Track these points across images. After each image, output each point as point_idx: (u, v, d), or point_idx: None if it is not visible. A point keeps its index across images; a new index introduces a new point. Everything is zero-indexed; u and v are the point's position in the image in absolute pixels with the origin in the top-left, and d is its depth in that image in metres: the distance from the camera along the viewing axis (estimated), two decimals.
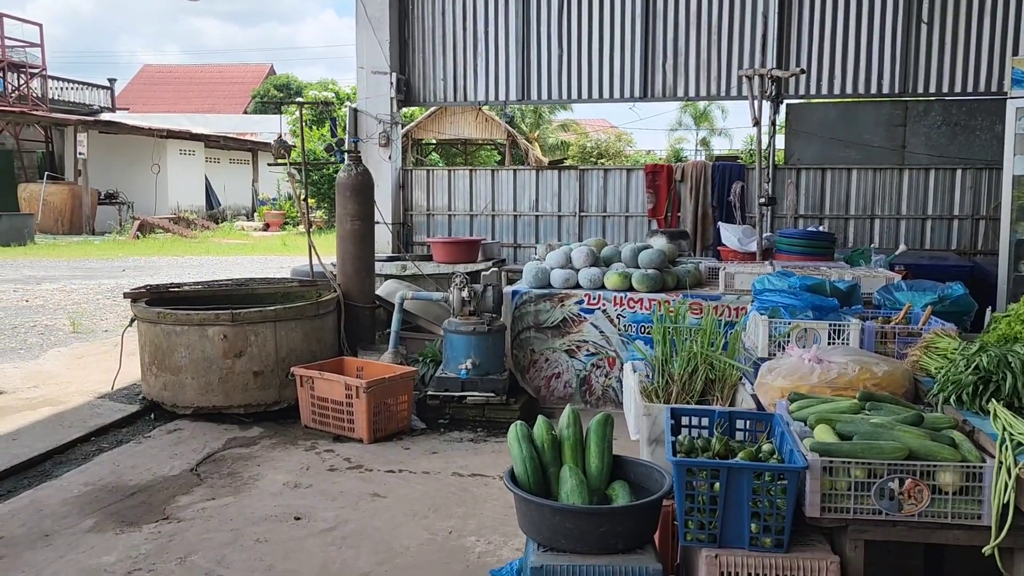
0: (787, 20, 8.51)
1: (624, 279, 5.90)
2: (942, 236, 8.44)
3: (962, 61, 8.21)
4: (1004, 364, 2.75)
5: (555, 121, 33.05)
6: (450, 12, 9.14)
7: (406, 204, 9.49)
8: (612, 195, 9.13)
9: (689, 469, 2.45)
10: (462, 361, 5.57)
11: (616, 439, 3.04)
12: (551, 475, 2.82)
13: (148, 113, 32.37)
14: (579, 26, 8.92)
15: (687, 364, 3.63)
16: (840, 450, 2.46)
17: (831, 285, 4.07)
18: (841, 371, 3.12)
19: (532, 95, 9.13)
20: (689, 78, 8.78)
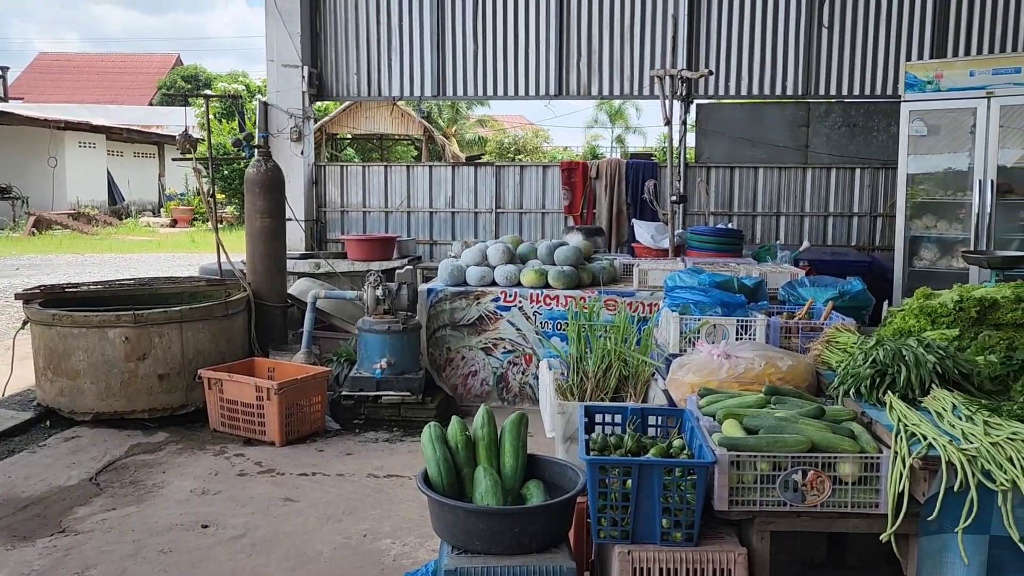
0: (696, 23, 8.70)
1: (540, 276, 5.92)
2: (843, 232, 8.79)
3: (860, 65, 8.55)
4: (899, 357, 2.86)
5: (472, 117, 32.97)
6: (363, 5, 8.99)
7: (320, 201, 9.30)
8: (528, 192, 9.16)
9: (602, 467, 2.47)
10: (377, 360, 5.49)
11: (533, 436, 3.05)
12: (465, 476, 2.80)
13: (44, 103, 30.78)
14: (494, 22, 8.91)
15: (601, 361, 3.67)
16: (747, 444, 2.52)
17: (739, 282, 4.18)
18: (748, 366, 3.21)
19: (447, 91, 9.07)
20: (603, 77, 8.88)
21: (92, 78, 41.52)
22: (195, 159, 6.78)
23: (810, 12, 8.56)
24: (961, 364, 2.84)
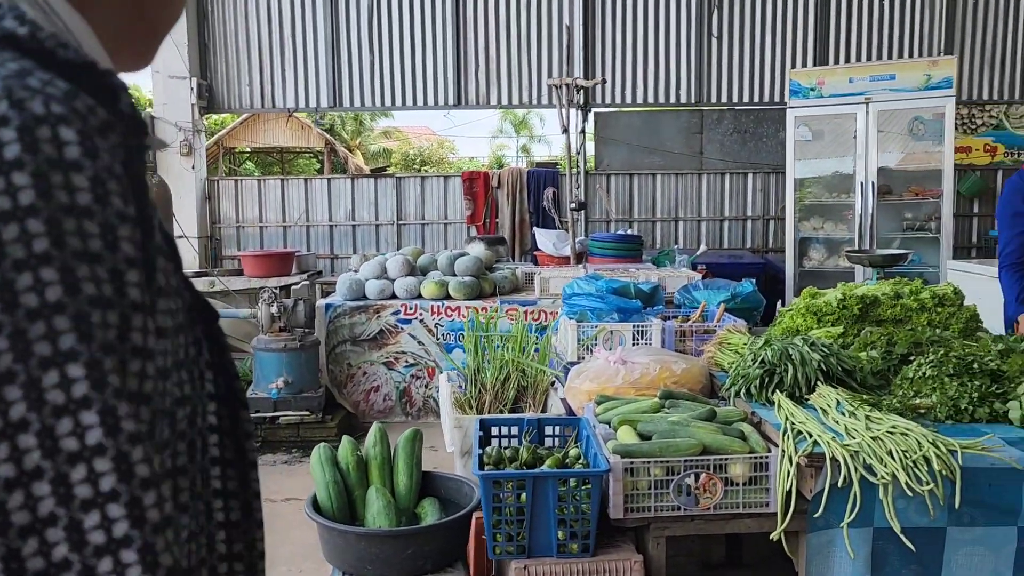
0: (591, 32, 8.81)
1: (441, 287, 5.85)
2: (738, 236, 9.03)
3: (748, 73, 8.83)
4: (785, 357, 2.92)
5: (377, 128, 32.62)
6: (254, 14, 8.74)
7: (213, 216, 8.97)
8: (430, 203, 9.07)
9: (495, 481, 2.42)
10: (273, 380, 5.30)
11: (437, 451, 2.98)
12: (357, 498, 2.71)
13: None
14: (390, 32, 8.80)
15: (499, 372, 3.62)
16: (640, 450, 2.51)
17: (635, 287, 4.21)
18: (643, 371, 3.22)
19: (344, 102, 8.89)
20: (501, 86, 8.89)
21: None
22: None
23: (700, 22, 8.79)
24: (844, 361, 2.91)
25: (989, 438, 2.38)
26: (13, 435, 0.45)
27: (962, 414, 2.63)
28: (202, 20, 8.71)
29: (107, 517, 0.46)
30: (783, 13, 8.73)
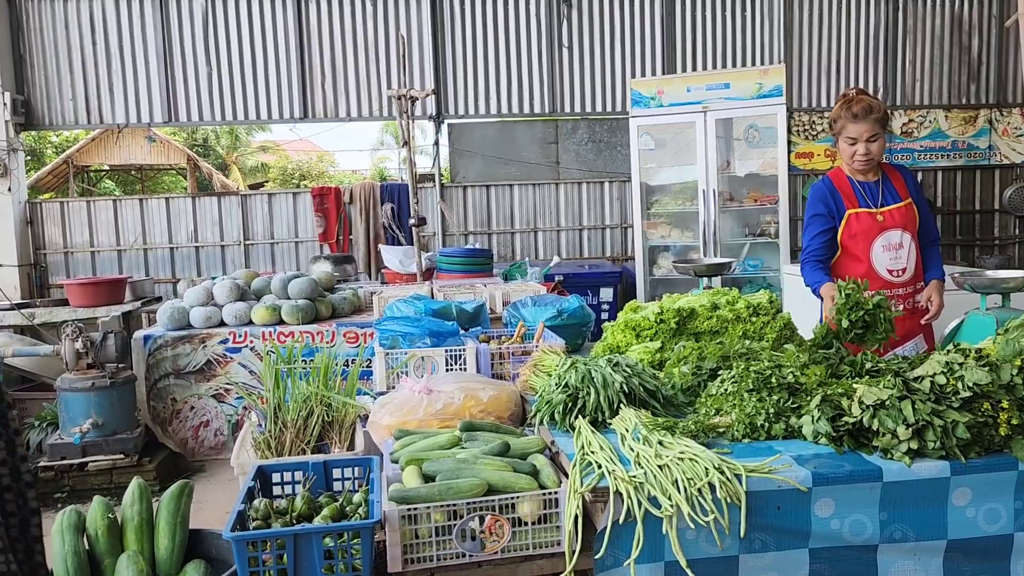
0: (441, 42, 8.64)
1: (273, 312, 5.50)
2: (597, 244, 9.03)
3: (600, 83, 8.86)
4: (588, 380, 2.77)
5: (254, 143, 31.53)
6: (75, 24, 8.12)
7: (37, 242, 8.26)
8: (279, 220, 8.66)
9: (251, 543, 2.15)
10: (80, 422, 4.82)
11: None
12: (106, 568, 2.37)
13: None
14: (228, 42, 8.35)
15: (302, 407, 3.34)
16: (418, 495, 2.29)
17: (457, 307, 4.01)
18: (448, 400, 3.01)
19: (180, 116, 8.38)
20: (350, 98, 8.59)
21: None
22: None
23: (551, 32, 8.76)
24: (647, 381, 2.78)
25: (777, 458, 2.29)
26: None
27: (759, 431, 2.54)
28: (16, 30, 8.02)
29: None
30: (630, 23, 8.81)
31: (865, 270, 3.52)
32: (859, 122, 3.42)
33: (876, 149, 3.48)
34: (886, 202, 3.52)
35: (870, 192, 3.54)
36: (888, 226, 3.49)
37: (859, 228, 3.51)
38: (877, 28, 8.90)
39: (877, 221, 3.49)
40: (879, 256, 3.52)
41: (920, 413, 2.25)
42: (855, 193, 3.52)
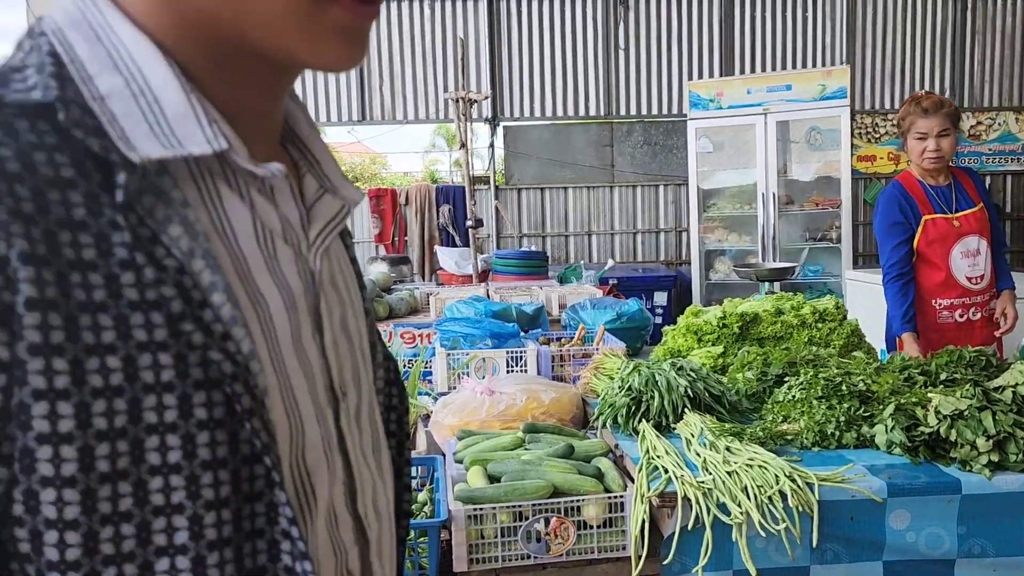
0: (497, 45, 8.67)
1: None
2: (651, 248, 8.97)
3: (656, 85, 8.80)
4: (652, 383, 2.75)
5: None
6: None
7: None
8: None
9: None
10: None
11: None
12: None
13: None
14: None
15: None
16: (484, 496, 2.30)
17: (517, 309, 4.02)
18: (510, 402, 3.01)
19: None
20: (407, 101, 8.68)
21: None
22: None
23: (607, 34, 8.73)
24: (712, 386, 2.75)
25: (850, 467, 2.24)
26: None
27: (829, 440, 2.50)
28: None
29: None
30: (687, 24, 8.73)
31: (944, 277, 3.43)
32: (929, 117, 3.34)
33: (947, 146, 3.38)
34: (960, 207, 3.43)
35: (943, 196, 3.45)
36: (965, 232, 3.39)
37: (936, 234, 3.42)
38: (944, 28, 8.67)
39: (954, 227, 3.40)
40: (958, 263, 3.43)
41: (1001, 424, 2.19)
42: (928, 198, 3.43)
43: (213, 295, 0.57)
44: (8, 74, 0.57)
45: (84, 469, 0.53)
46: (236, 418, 0.58)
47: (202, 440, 0.57)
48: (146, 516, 0.55)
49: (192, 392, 0.56)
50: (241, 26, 0.59)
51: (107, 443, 0.54)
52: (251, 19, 0.59)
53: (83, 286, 0.53)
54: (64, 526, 0.53)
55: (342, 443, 0.71)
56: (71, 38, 0.59)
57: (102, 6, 0.60)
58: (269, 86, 0.67)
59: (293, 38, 0.60)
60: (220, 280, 0.58)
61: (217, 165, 0.62)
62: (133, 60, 0.59)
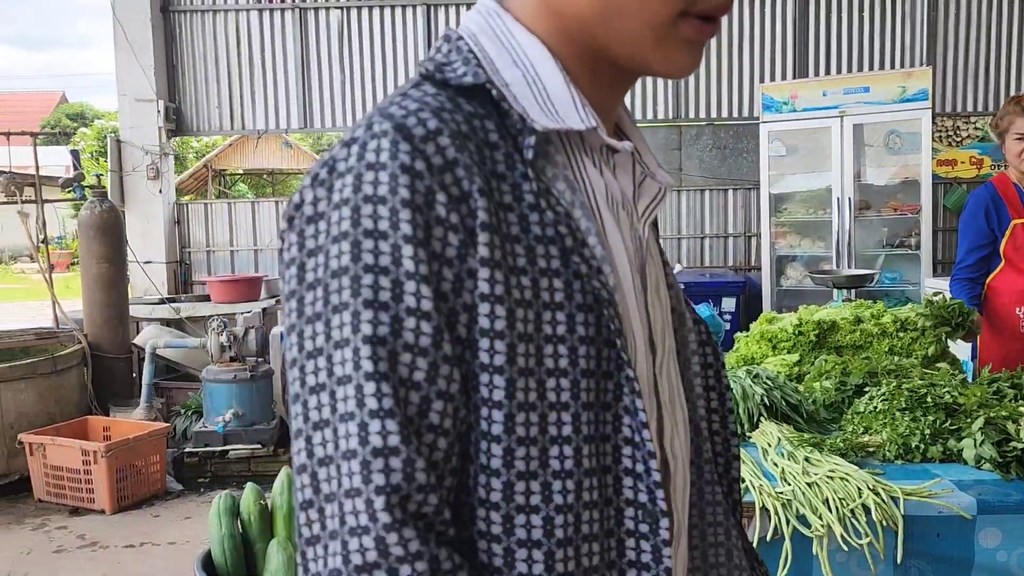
0: None
1: None
2: (719, 253, 8.83)
3: (727, 88, 8.66)
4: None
5: None
6: (222, 35, 8.60)
7: (183, 241, 8.78)
8: None
9: None
10: (223, 412, 5.09)
11: None
12: (258, 552, 2.49)
13: None
14: (360, 52, 8.66)
15: None
16: None
17: None
18: None
19: (315, 123, 8.74)
20: None
21: None
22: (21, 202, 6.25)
23: None
24: (789, 395, 2.70)
25: (937, 482, 2.17)
26: (314, 357, 0.64)
27: (913, 453, 2.42)
28: (170, 42, 8.57)
29: None
30: (759, 25, 8.58)
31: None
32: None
33: None
34: None
35: None
36: None
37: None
38: None
39: None
40: None
41: None
42: (1022, 201, 3.30)
43: (589, 237, 0.71)
44: (442, 66, 0.74)
45: (510, 361, 0.66)
46: (604, 337, 0.71)
47: (581, 352, 0.69)
48: (542, 376, 0.68)
49: (575, 312, 0.69)
50: (608, 38, 0.74)
51: (524, 343, 0.66)
52: (618, 34, 0.73)
53: (506, 221, 0.68)
54: (493, 370, 0.66)
55: (655, 388, 0.81)
56: (482, 41, 0.76)
57: (504, 16, 0.77)
58: (617, 86, 0.82)
59: (649, 50, 0.74)
60: (593, 226, 0.72)
61: (580, 140, 0.77)
62: (527, 57, 0.75)
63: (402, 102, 0.69)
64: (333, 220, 0.65)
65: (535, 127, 0.70)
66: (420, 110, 0.67)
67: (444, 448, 0.64)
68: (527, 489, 0.67)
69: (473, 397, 0.66)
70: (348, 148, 0.67)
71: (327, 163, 0.68)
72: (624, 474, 0.72)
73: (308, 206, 0.67)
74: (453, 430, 0.65)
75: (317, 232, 0.65)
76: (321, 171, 0.68)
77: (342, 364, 0.62)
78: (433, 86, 0.73)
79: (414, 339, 0.62)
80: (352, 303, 0.62)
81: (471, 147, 0.68)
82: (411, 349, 0.62)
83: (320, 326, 0.64)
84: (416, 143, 0.65)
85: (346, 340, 0.62)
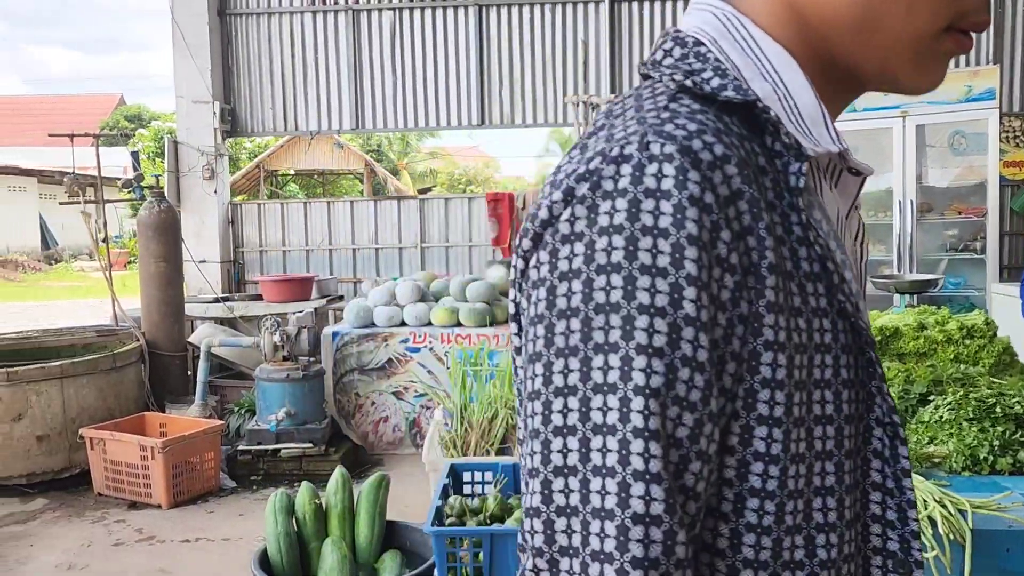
0: (617, 48, 8.60)
1: (451, 314, 5.66)
2: None
3: None
4: None
5: (424, 149, 32.82)
6: (277, 38, 8.73)
7: (237, 241, 8.94)
8: (454, 225, 8.92)
9: (450, 539, 2.20)
10: (275, 411, 5.16)
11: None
12: (312, 551, 2.51)
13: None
14: (412, 54, 8.71)
15: (487, 409, 3.41)
16: None
17: None
18: None
19: (366, 124, 8.82)
20: (526, 105, 8.72)
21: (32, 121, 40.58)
22: (83, 202, 6.42)
23: None
24: None
25: (1007, 495, 2.08)
26: (564, 395, 0.58)
27: (981, 464, 2.33)
28: (226, 45, 8.73)
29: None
30: None
31: None
32: None
33: None
34: None
35: None
36: None
37: None
38: None
39: None
40: None
41: None
42: None
43: (845, 272, 0.66)
44: (691, 75, 0.66)
45: (787, 411, 0.61)
46: (861, 379, 0.67)
47: (845, 397, 0.65)
48: (811, 424, 0.64)
49: (840, 354, 0.65)
50: (859, 49, 0.68)
51: (799, 392, 0.62)
52: (872, 45, 0.67)
53: (783, 257, 0.62)
54: (772, 422, 0.61)
55: None
56: (725, 47, 0.68)
57: (744, 21, 0.69)
58: (845, 99, 0.75)
59: (904, 63, 0.68)
60: (847, 259, 0.67)
61: (815, 160, 0.70)
62: (775, 69, 0.67)
63: (675, 119, 0.61)
64: (600, 247, 0.58)
65: (808, 153, 0.63)
66: (702, 131, 0.60)
67: (693, 513, 0.58)
68: (792, 544, 0.62)
69: (740, 451, 0.60)
70: (616, 166, 0.59)
71: (586, 177, 0.60)
72: (872, 521, 0.69)
73: (564, 223, 0.60)
74: (703, 495, 0.59)
75: (573, 254, 0.59)
76: (579, 186, 0.60)
77: (603, 411, 0.56)
78: (695, 100, 0.65)
79: (685, 392, 0.56)
80: (623, 346, 0.56)
81: (751, 175, 0.61)
82: (680, 403, 0.56)
83: (575, 362, 0.57)
84: (704, 171, 0.58)
85: (612, 386, 0.56)
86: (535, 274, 0.62)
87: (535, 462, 0.59)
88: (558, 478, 0.57)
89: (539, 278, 0.61)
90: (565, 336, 0.58)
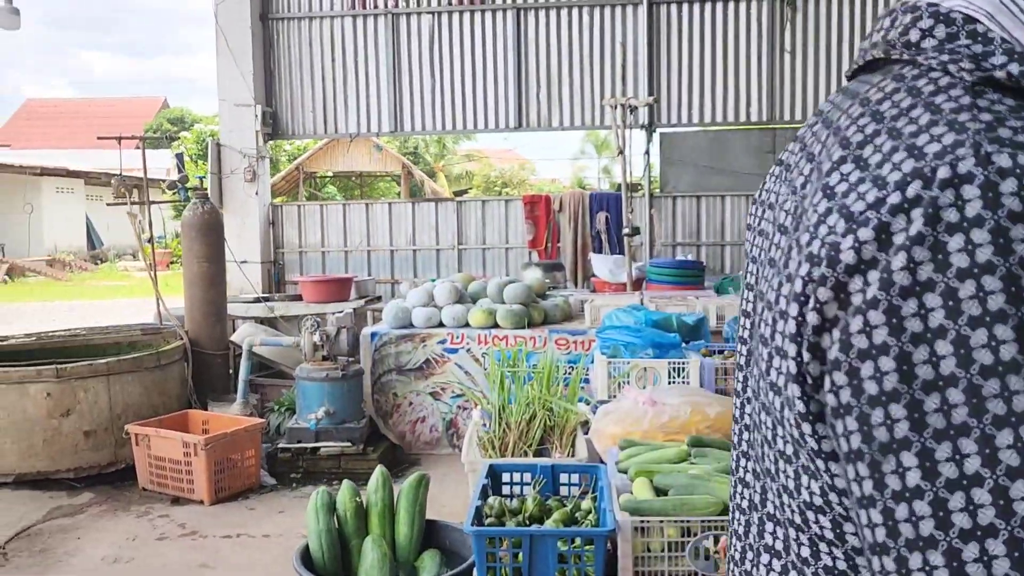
0: (656, 50, 8.57)
1: (488, 316, 5.68)
2: None
3: (824, 89, 8.41)
4: None
5: (460, 151, 32.96)
6: (317, 42, 8.84)
7: (277, 241, 9.06)
8: (491, 227, 8.95)
9: (490, 539, 2.21)
10: (315, 409, 5.22)
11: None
12: (353, 548, 2.54)
13: (29, 149, 30.67)
14: (451, 57, 8.76)
15: (525, 410, 3.41)
16: (651, 508, 2.26)
17: (678, 319, 3.94)
18: (674, 414, 2.95)
19: (405, 126, 8.89)
20: (563, 108, 8.72)
21: (79, 123, 41.53)
22: (130, 203, 6.56)
23: (772, 38, 8.43)
24: None
25: None
26: (946, 439, 0.48)
27: None
28: (267, 48, 8.86)
29: None
30: (860, 24, 8.30)
31: None
32: None
33: None
34: None
35: None
36: None
37: None
38: None
39: None
40: None
41: None
42: None
43: None
44: (978, 61, 0.56)
45: None
46: None
47: None
48: None
49: None
50: None
51: None
52: None
53: None
54: None
55: None
56: (1006, 24, 0.57)
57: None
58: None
59: None
60: None
61: None
62: None
63: (1004, 121, 0.52)
64: (965, 294, 0.49)
65: None
66: None
67: None
68: None
69: None
70: (955, 189, 0.50)
71: (905, 209, 0.51)
72: None
73: (900, 274, 0.50)
74: None
75: (928, 309, 0.50)
76: (897, 220, 0.51)
77: None
78: (1003, 94, 0.55)
79: None
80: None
81: None
82: None
83: (969, 444, 0.48)
84: None
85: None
86: (862, 341, 0.51)
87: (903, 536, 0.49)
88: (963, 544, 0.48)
89: (876, 344, 0.51)
90: (943, 414, 0.48)
